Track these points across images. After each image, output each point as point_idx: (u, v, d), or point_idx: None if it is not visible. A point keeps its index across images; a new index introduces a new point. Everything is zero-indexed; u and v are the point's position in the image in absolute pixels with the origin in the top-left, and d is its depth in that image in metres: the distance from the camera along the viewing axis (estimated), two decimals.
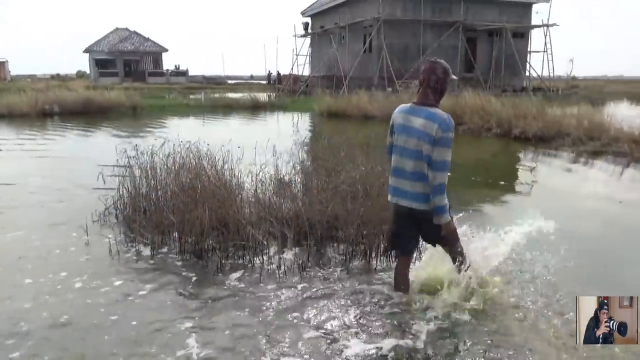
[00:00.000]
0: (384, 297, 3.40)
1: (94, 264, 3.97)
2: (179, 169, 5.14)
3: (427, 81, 2.98)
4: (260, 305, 3.28)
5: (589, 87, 32.80)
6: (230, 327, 3.01)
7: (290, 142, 7.46)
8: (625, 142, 9.41)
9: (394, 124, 3.10)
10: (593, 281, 3.73)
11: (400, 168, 3.05)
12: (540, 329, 2.97)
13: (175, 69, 50.72)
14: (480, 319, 3.10)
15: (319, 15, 32.74)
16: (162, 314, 3.16)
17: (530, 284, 3.56)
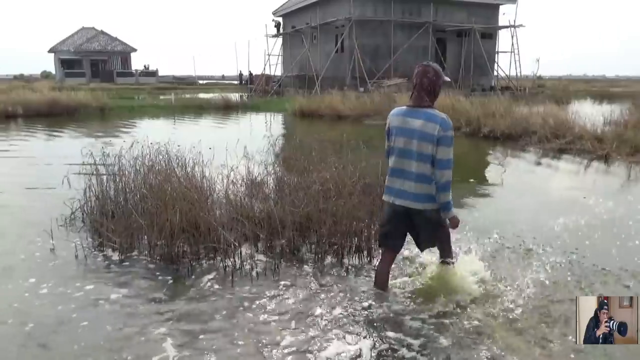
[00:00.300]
0: (359, 295, 3.41)
1: (61, 269, 3.86)
2: (148, 171, 5.04)
3: (420, 84, 3.05)
4: (234, 307, 3.24)
5: (554, 86, 33.71)
6: (205, 330, 2.96)
7: (263, 142, 7.41)
8: (588, 139, 9.72)
9: (391, 127, 3.16)
10: (557, 268, 3.84)
11: (402, 169, 3.11)
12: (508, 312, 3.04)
13: (145, 69, 49.83)
14: (459, 314, 3.14)
15: (290, 15, 32.68)
16: (135, 319, 3.09)
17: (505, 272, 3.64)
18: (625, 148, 9.10)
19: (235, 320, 3.09)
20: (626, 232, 4.83)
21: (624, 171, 8.15)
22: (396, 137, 3.12)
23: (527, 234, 4.65)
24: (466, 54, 27.20)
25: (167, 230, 3.93)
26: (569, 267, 3.90)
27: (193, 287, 3.55)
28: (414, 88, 3.08)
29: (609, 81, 61.70)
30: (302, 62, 28.42)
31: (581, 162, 8.88)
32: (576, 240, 4.55)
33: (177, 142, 6.28)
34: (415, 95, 3.08)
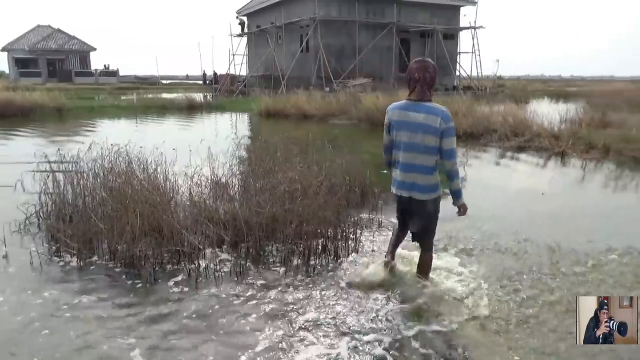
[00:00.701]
0: (327, 296, 3.41)
1: (16, 278, 3.69)
2: (108, 173, 4.88)
3: (423, 79, 3.15)
4: (199, 311, 3.18)
5: (514, 86, 34.72)
6: (170, 336, 2.89)
7: (228, 143, 7.32)
8: (545, 137, 10.06)
9: (391, 122, 3.26)
10: (509, 252, 3.95)
11: (412, 163, 3.23)
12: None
13: (105, 69, 48.38)
14: (435, 311, 3.18)
15: (254, 15, 32.44)
16: (98, 327, 2.99)
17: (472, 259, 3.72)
18: (580, 145, 9.46)
19: (201, 324, 3.03)
20: (577, 221, 5.02)
21: (579, 167, 8.47)
22: (398, 132, 3.23)
23: (492, 228, 4.77)
24: (429, 54, 27.64)
25: (128, 234, 3.81)
26: (528, 256, 4.03)
27: (156, 292, 3.46)
28: (416, 83, 3.17)
29: (565, 81, 64.06)
30: (268, 61, 28.26)
31: (539, 159, 9.18)
32: (536, 228, 4.70)
33: (139, 143, 6.11)
34: (418, 89, 3.17)
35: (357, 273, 3.71)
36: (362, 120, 14.65)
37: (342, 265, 3.95)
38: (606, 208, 6.10)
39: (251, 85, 28.81)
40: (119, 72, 48.40)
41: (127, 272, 3.75)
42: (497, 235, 4.66)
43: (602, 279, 3.72)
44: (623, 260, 4.05)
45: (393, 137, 3.28)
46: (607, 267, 3.93)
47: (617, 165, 8.45)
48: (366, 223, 4.94)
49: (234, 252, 4.05)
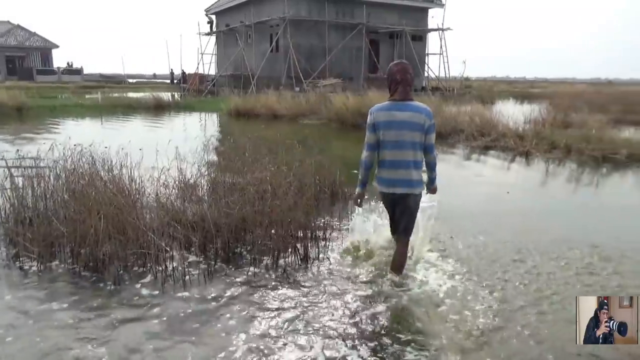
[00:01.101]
0: (296, 296, 3.39)
1: None
2: (70, 174, 4.72)
3: (405, 80, 3.37)
4: (166, 315, 3.11)
5: (480, 87, 35.51)
6: (137, 341, 2.81)
7: (196, 143, 7.20)
8: (511, 137, 10.32)
9: (377, 122, 3.37)
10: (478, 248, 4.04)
11: (401, 160, 3.37)
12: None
13: (68, 67, 46.96)
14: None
15: (223, 13, 32.07)
16: (62, 333, 2.89)
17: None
18: (543, 145, 9.75)
19: (170, 328, 2.96)
20: (538, 218, 5.16)
21: (543, 167, 8.72)
22: (385, 131, 3.35)
23: (460, 225, 4.85)
24: (398, 55, 27.96)
25: (92, 237, 3.70)
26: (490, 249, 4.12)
27: (122, 296, 3.36)
28: (398, 84, 3.36)
29: (529, 83, 65.83)
30: (237, 61, 27.99)
31: (505, 159, 9.40)
32: (496, 224, 4.81)
33: (104, 144, 5.94)
34: (400, 90, 3.35)
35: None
36: (332, 120, 14.69)
37: (310, 265, 3.93)
38: (567, 205, 6.30)
39: (220, 85, 28.47)
40: (83, 70, 47.07)
41: (91, 276, 3.63)
42: (466, 232, 4.74)
43: (553, 271, 3.84)
44: (578, 251, 4.19)
45: (380, 137, 3.38)
46: (565, 260, 4.06)
47: (578, 164, 8.74)
48: (336, 224, 4.94)
49: (203, 254, 3.99)
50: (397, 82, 3.36)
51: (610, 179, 7.95)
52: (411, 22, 28.05)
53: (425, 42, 30.22)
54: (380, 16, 27.41)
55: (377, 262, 3.94)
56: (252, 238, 4.08)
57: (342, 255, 4.12)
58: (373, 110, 3.42)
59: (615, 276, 3.81)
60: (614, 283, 3.70)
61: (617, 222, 5.49)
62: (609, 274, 3.86)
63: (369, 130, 3.42)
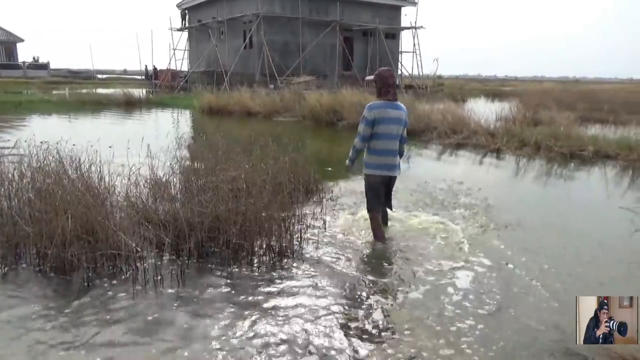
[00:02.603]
0: (272, 295, 3.36)
1: None
2: (35, 172, 4.55)
3: (394, 84, 4.20)
4: (137, 319, 3.03)
5: (452, 85, 36.00)
6: (107, 346, 2.73)
7: (168, 140, 7.06)
8: (482, 135, 10.49)
9: (376, 118, 4.11)
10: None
11: (390, 149, 4.24)
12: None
13: (34, 61, 45.47)
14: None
15: (196, 9, 31.59)
16: (28, 339, 2.78)
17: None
18: (514, 142, 9.94)
19: (141, 333, 2.88)
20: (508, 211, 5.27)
21: (513, 163, 8.90)
22: (382, 125, 4.12)
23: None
24: (372, 53, 28.13)
25: (59, 237, 3.57)
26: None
27: (91, 298, 3.26)
28: (390, 87, 4.15)
29: (500, 81, 67.19)
30: (210, 57, 27.65)
31: (476, 156, 9.55)
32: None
33: (71, 141, 5.75)
34: (392, 92, 4.16)
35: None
36: (306, 117, 14.66)
37: (286, 264, 3.91)
38: (535, 199, 6.45)
39: (193, 81, 28.05)
40: (49, 65, 45.64)
41: (59, 279, 3.52)
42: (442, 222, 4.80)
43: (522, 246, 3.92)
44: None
45: (377, 130, 4.12)
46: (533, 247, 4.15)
47: (547, 160, 8.94)
48: (311, 222, 4.92)
49: (175, 254, 3.91)
50: (390, 85, 4.14)
51: (578, 175, 8.18)
52: (385, 20, 28.23)
53: (399, 40, 30.48)
54: (354, 14, 27.49)
55: (352, 259, 3.93)
56: (226, 237, 4.01)
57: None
58: (373, 107, 4.11)
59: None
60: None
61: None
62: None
63: (367, 124, 4.12)
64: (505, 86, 42.97)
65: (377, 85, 4.17)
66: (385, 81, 4.14)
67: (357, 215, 5.12)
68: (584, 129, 11.66)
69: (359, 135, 4.19)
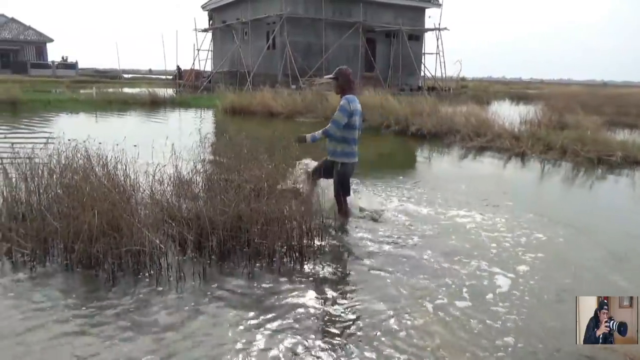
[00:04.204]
0: (294, 297, 3.37)
1: None
2: (64, 169, 4.67)
3: (354, 80, 4.78)
4: (160, 317, 3.07)
5: (476, 87, 35.59)
6: (132, 342, 2.78)
7: (192, 140, 7.16)
8: (507, 138, 10.33)
9: (355, 110, 4.65)
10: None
11: (357, 138, 4.82)
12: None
13: (63, 61, 46.65)
14: None
15: (220, 10, 31.95)
16: (55, 331, 2.85)
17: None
18: (539, 146, 9.77)
19: (162, 329, 2.93)
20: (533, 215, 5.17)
21: (539, 167, 8.75)
22: (354, 117, 4.66)
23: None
24: (394, 54, 27.99)
25: (86, 233, 3.66)
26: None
27: (114, 294, 3.33)
28: (352, 83, 4.74)
29: (525, 83, 66.09)
30: (233, 58, 27.90)
31: (501, 159, 9.42)
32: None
33: (98, 139, 5.89)
34: (355, 87, 4.79)
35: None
36: (328, 118, 14.60)
37: (306, 265, 3.92)
38: (561, 204, 6.32)
39: (216, 82, 28.35)
40: (77, 64, 46.77)
41: (85, 273, 3.60)
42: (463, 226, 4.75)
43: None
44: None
45: (349, 122, 4.61)
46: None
47: (574, 165, 8.76)
48: (332, 223, 4.92)
49: (197, 252, 3.96)
50: (352, 81, 4.72)
51: (606, 181, 7.98)
52: (408, 21, 28.07)
53: (422, 41, 30.25)
54: (377, 15, 27.41)
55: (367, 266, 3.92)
56: (247, 236, 4.04)
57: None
58: (352, 100, 4.63)
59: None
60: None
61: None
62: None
63: (347, 114, 4.59)
64: (530, 89, 42.24)
65: (339, 82, 4.70)
66: (347, 78, 4.68)
67: (381, 216, 5.12)
68: (612, 133, 11.40)
69: (336, 122, 4.62)
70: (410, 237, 4.64)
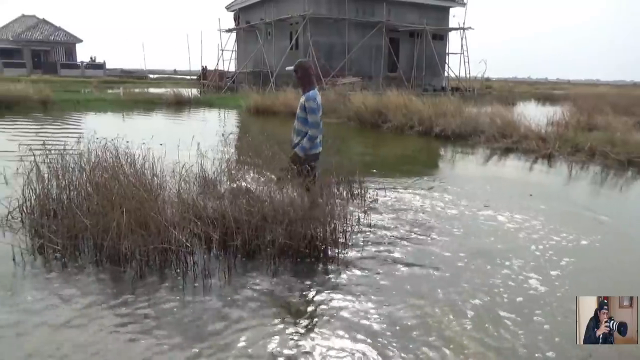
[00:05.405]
0: (316, 300, 3.38)
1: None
2: (94, 168, 4.78)
3: (314, 73, 4.66)
4: (186, 316, 3.12)
5: (501, 87, 35.03)
6: (159, 340, 2.84)
7: (216, 139, 7.24)
8: (533, 139, 10.14)
9: (320, 105, 4.57)
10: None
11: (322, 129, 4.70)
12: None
13: (91, 61, 47.76)
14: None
15: (244, 10, 32.23)
16: (84, 327, 2.93)
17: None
18: (566, 148, 9.57)
19: (188, 331, 2.97)
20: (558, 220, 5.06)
21: (566, 170, 8.57)
22: (321, 111, 4.59)
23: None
24: (418, 54, 27.79)
25: (114, 230, 3.75)
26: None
27: (142, 290, 3.40)
28: (313, 76, 4.61)
29: (551, 84, 64.72)
30: (257, 58, 28.11)
31: (527, 161, 9.25)
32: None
33: (126, 138, 6.01)
34: (314, 81, 4.64)
35: None
36: (351, 119, 14.64)
37: (330, 268, 3.93)
38: (591, 207, 6.17)
39: (240, 82, 28.63)
40: (105, 65, 47.80)
41: (113, 270, 3.68)
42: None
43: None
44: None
45: (321, 114, 4.55)
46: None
47: (603, 167, 8.56)
48: (355, 223, 4.92)
49: (222, 251, 4.00)
50: (312, 75, 4.59)
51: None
52: (432, 21, 27.83)
53: (446, 41, 29.95)
54: (401, 15, 27.26)
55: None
56: (272, 236, 4.07)
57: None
58: (317, 97, 4.52)
59: None
60: None
61: None
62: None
63: (318, 112, 4.48)
64: (556, 89, 41.36)
65: (298, 75, 4.57)
66: (309, 72, 4.56)
67: (405, 216, 5.10)
68: None
69: (315, 124, 4.49)
70: (436, 236, 4.62)
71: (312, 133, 4.55)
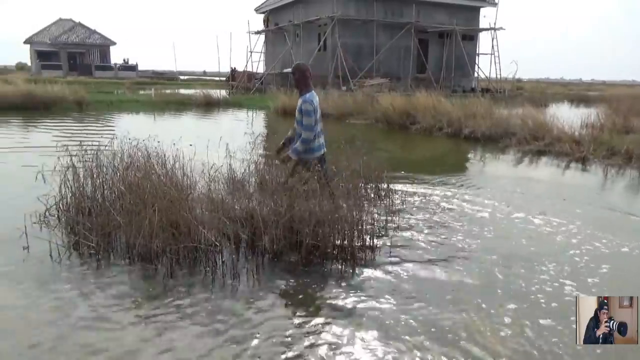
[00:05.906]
0: (343, 303, 3.38)
1: (34, 270, 3.73)
2: (127, 167, 4.90)
3: (311, 75, 4.61)
4: (213, 312, 3.17)
5: (533, 88, 34.24)
6: (184, 338, 2.89)
7: (245, 140, 7.31)
8: (566, 142, 9.87)
9: (317, 107, 4.54)
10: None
11: (321, 130, 4.69)
12: None
13: (124, 63, 48.95)
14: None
15: (273, 12, 32.48)
16: (111, 322, 3.01)
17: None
18: (601, 151, 9.28)
19: (213, 325, 3.02)
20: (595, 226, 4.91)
21: (601, 173, 8.31)
22: (318, 112, 4.56)
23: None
24: (447, 55, 27.45)
25: (146, 229, 3.83)
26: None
27: (173, 288, 3.47)
28: (310, 79, 4.59)
29: (585, 85, 62.83)
30: (285, 59, 28.27)
31: (560, 164, 9.02)
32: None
33: (157, 138, 6.13)
34: (311, 83, 4.60)
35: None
36: (379, 120, 14.58)
37: (357, 270, 3.91)
38: (628, 211, 5.97)
39: (268, 83, 28.85)
40: (137, 66, 48.91)
41: (144, 267, 3.76)
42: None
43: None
44: None
45: (317, 116, 4.51)
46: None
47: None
48: (384, 225, 4.89)
49: (251, 251, 4.04)
50: (309, 77, 4.58)
51: None
52: (462, 21, 27.45)
53: (476, 41, 29.49)
54: (430, 15, 26.98)
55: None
56: (300, 237, 4.09)
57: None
58: (314, 99, 4.50)
59: None
60: None
61: None
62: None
63: (313, 115, 4.44)
64: (591, 90, 40.16)
65: (295, 77, 4.59)
66: (305, 74, 4.57)
67: (434, 218, 5.05)
68: None
69: (308, 127, 4.45)
70: (467, 238, 4.56)
71: (306, 136, 4.48)
